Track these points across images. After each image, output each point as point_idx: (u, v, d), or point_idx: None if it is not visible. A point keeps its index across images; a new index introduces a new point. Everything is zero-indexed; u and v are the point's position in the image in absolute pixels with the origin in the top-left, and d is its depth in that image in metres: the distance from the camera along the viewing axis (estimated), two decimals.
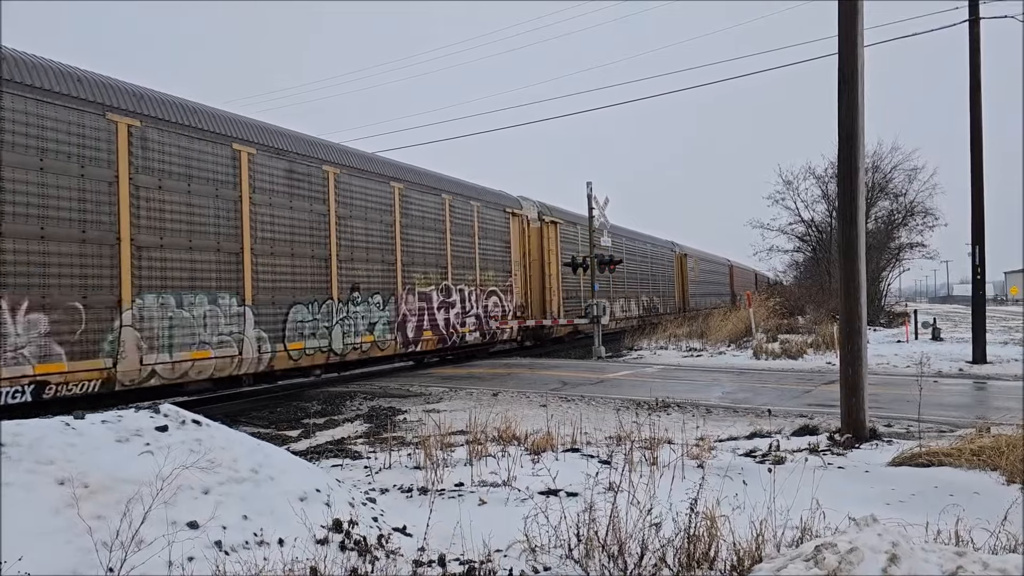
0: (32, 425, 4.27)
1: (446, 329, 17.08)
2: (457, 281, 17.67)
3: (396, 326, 15.20)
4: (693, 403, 10.87)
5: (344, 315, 13.74)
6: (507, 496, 5.50)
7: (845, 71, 7.75)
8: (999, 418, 8.71)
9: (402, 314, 15.45)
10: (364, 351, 14.25)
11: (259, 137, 12.23)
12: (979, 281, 16.19)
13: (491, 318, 19.10)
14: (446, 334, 17.07)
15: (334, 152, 14.21)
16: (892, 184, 36.37)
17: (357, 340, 14.03)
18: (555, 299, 22.58)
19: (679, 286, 38.33)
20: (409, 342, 15.68)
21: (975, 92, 15.62)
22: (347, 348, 13.77)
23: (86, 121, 9.41)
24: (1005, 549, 3.85)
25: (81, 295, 9.15)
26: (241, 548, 3.90)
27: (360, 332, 14.11)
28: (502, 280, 19.85)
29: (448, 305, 17.20)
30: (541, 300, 22.17)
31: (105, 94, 9.76)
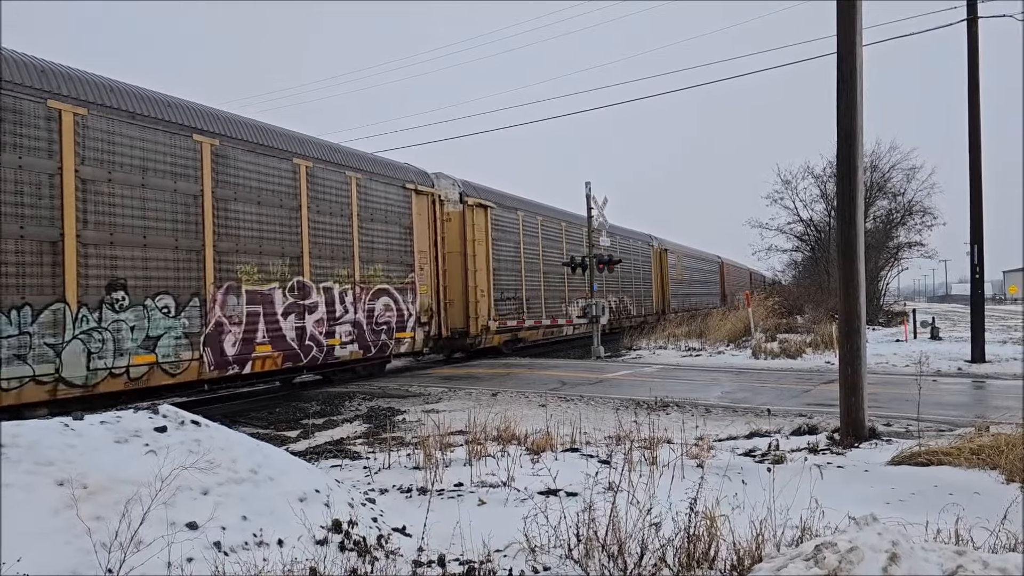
0: (31, 426, 4.27)
1: (299, 342, 12.67)
2: (321, 276, 13.30)
3: (203, 340, 10.89)
4: (692, 403, 10.87)
5: (92, 326, 9.43)
6: (506, 496, 5.49)
7: (844, 70, 7.75)
8: (998, 417, 8.71)
9: (214, 323, 11.11)
10: (135, 378, 9.88)
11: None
12: (978, 280, 16.19)
13: (380, 326, 14.81)
14: (299, 348, 12.66)
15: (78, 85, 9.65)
16: (890, 183, 36.42)
17: (120, 363, 9.70)
18: (484, 301, 18.75)
19: (658, 285, 34.49)
20: (228, 362, 11.27)
21: (973, 91, 15.63)
22: (98, 376, 9.44)
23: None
24: (1005, 548, 3.85)
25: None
26: (240, 549, 3.90)
27: (127, 351, 9.80)
28: (399, 277, 15.56)
29: (304, 309, 12.84)
30: (464, 302, 18.24)
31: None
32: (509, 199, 21.00)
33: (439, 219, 17.15)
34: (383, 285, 15.12)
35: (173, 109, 10.95)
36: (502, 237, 20.05)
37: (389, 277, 15.32)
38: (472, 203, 18.64)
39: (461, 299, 18.21)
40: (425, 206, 16.69)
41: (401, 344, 15.56)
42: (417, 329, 16.08)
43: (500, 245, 19.88)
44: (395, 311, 15.43)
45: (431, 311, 16.57)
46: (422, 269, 16.36)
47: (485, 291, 18.77)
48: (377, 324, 14.81)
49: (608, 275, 25.95)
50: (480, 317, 18.56)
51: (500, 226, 19.94)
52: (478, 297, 18.54)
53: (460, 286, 18.24)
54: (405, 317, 15.70)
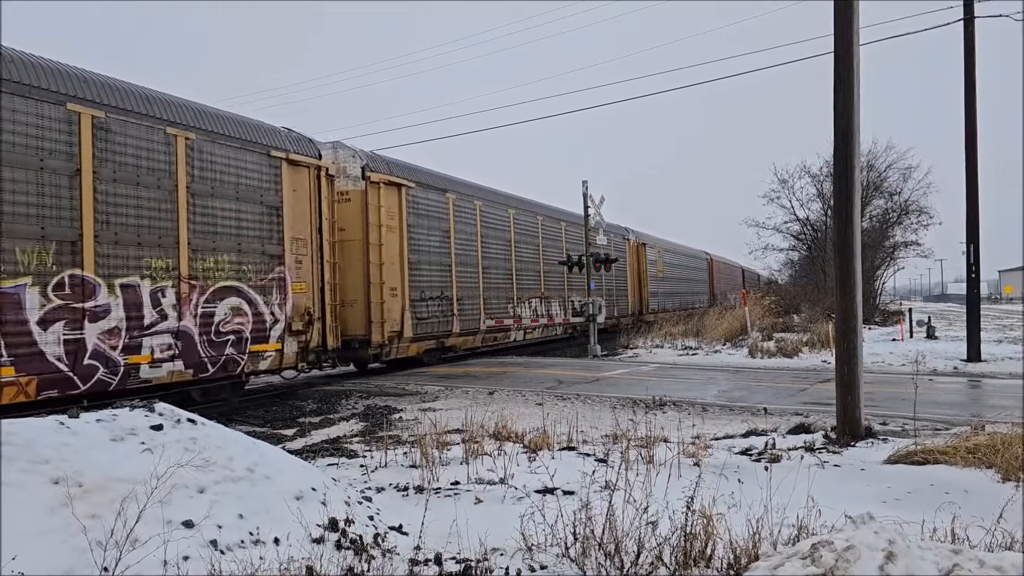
0: (26, 424, 4.25)
1: (73, 361, 8.98)
2: (118, 269, 9.64)
3: None
4: (689, 401, 10.88)
5: None
6: (503, 494, 5.49)
7: (841, 70, 7.76)
8: (994, 416, 8.72)
9: None
10: None
11: None
12: (973, 280, 16.23)
13: (224, 336, 11.09)
14: (73, 370, 8.98)
15: None
16: (887, 183, 36.51)
17: None
18: (397, 301, 15.25)
19: (634, 284, 30.81)
20: None
21: (970, 91, 15.66)
22: None
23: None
24: (1001, 547, 3.85)
25: None
26: (237, 547, 3.89)
27: None
28: (258, 271, 11.75)
29: (84, 315, 9.15)
30: (366, 303, 14.61)
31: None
32: (436, 178, 17.49)
33: (328, 198, 13.48)
34: (230, 282, 11.27)
35: None
36: (424, 224, 16.42)
37: (241, 271, 11.44)
38: (378, 180, 14.91)
39: (364, 299, 14.62)
40: (305, 181, 12.86)
41: (261, 359, 11.73)
42: (288, 339, 12.22)
43: (421, 233, 16.28)
44: (250, 316, 11.54)
45: (310, 315, 12.69)
46: (299, 262, 12.54)
47: (398, 289, 15.35)
48: (219, 334, 11.00)
49: (570, 272, 23.09)
50: (389, 321, 14.98)
51: (421, 210, 16.38)
52: (385, 296, 14.90)
53: (362, 283, 14.64)
54: (267, 324, 11.75)
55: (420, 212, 16.42)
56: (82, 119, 9.28)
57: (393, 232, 15.38)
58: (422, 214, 16.50)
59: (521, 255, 21.27)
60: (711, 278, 45.80)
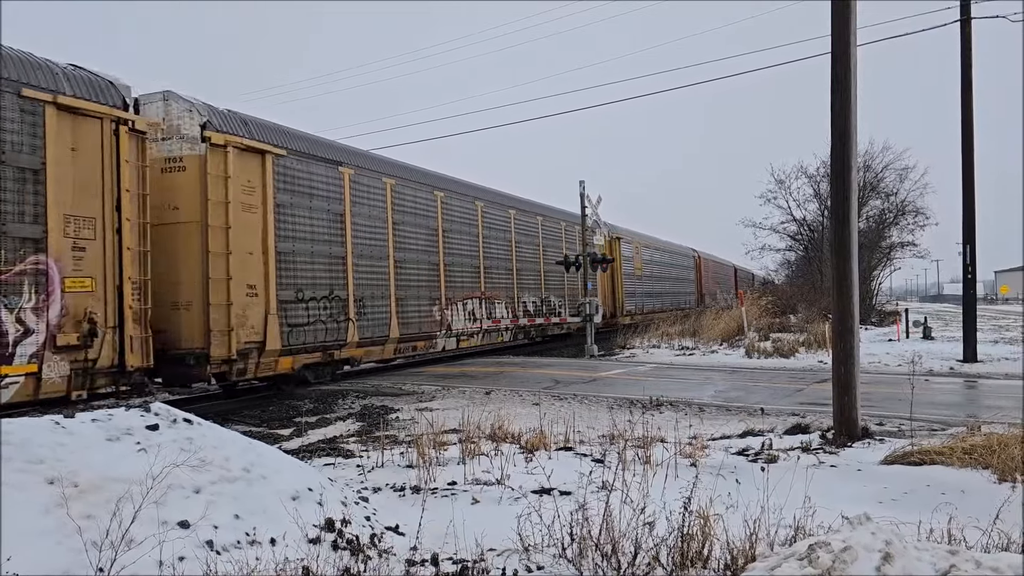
0: (22, 424, 4.24)
1: None
2: None
3: None
4: (686, 402, 10.89)
5: None
6: (500, 495, 5.48)
7: (838, 71, 7.76)
8: (990, 417, 8.73)
9: None
10: None
11: None
12: (970, 280, 16.26)
13: None
14: None
15: None
16: (883, 183, 36.58)
17: None
18: (257, 304, 11.71)
19: (607, 282, 28.20)
20: None
21: (966, 92, 15.69)
22: None
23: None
24: (997, 547, 3.86)
25: None
26: (233, 547, 3.88)
27: None
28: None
29: None
30: (203, 305, 10.94)
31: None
32: (323, 146, 13.99)
33: (135, 163, 9.96)
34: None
35: None
36: (304, 204, 12.89)
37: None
38: (225, 143, 11.27)
39: (201, 300, 10.98)
40: (96, 138, 9.44)
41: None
42: (53, 358, 8.77)
43: (299, 216, 12.72)
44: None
45: (93, 323, 9.16)
46: (79, 250, 9.18)
47: (259, 287, 11.77)
48: None
49: (520, 265, 20.80)
50: (243, 329, 11.37)
51: (299, 185, 12.81)
52: (235, 296, 11.19)
53: (200, 278, 11.03)
54: (8, 337, 8.35)
55: (297, 188, 12.76)
56: None
57: (252, 213, 11.73)
58: (300, 191, 12.83)
59: (454, 248, 17.85)
60: (699, 277, 43.10)
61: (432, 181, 17.53)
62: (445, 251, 17.47)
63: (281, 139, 12.72)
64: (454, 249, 17.90)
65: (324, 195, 13.49)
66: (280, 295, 12.19)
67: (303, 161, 13.03)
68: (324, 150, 13.88)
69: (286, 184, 12.58)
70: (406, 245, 15.92)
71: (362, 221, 14.45)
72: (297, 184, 12.83)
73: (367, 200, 14.66)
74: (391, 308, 15.18)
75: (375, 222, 14.90)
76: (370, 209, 14.75)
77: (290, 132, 13.22)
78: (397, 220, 15.56)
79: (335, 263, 13.68)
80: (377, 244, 14.93)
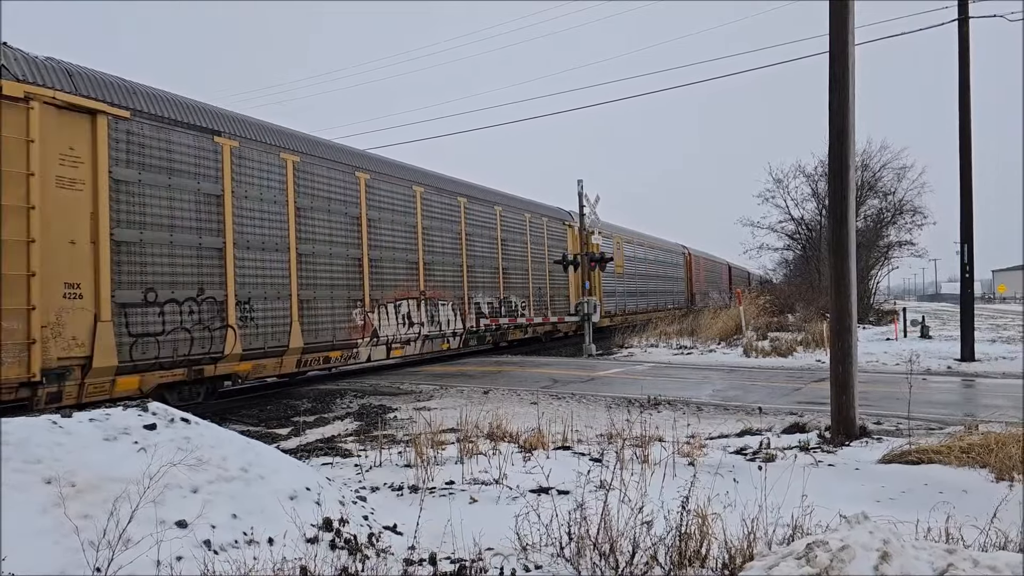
0: (19, 423, 4.23)
1: None
2: None
3: None
4: (684, 401, 10.89)
5: None
6: (498, 494, 5.48)
7: (836, 70, 7.76)
8: (988, 415, 8.76)
9: None
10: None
11: None
12: (967, 279, 16.28)
13: None
14: None
15: None
16: (881, 182, 36.66)
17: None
18: (81, 307, 9.22)
19: (580, 281, 24.37)
20: None
21: (964, 91, 15.70)
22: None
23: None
24: (995, 546, 3.86)
25: None
26: (230, 547, 3.87)
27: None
28: None
29: None
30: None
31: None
32: (190, 110, 11.27)
33: None
34: None
35: None
36: (160, 182, 10.43)
37: None
38: (27, 96, 8.79)
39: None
40: None
41: None
42: None
43: (149, 196, 10.26)
44: None
45: None
46: None
47: (84, 287, 9.29)
48: None
49: (472, 261, 18.64)
50: (58, 342, 8.93)
51: (151, 158, 10.35)
52: (39, 298, 8.68)
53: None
54: None
55: (148, 162, 10.28)
56: None
57: (76, 190, 9.30)
58: (152, 165, 10.34)
59: (383, 240, 15.27)
60: (689, 275, 40.88)
61: (354, 161, 14.94)
62: (370, 244, 14.78)
63: (125, 98, 10.09)
64: (383, 242, 15.23)
65: (188, 171, 10.85)
66: (119, 296, 9.65)
67: (160, 128, 10.50)
68: (193, 115, 11.19)
69: (132, 155, 10.06)
70: (314, 236, 13.28)
71: (250, 205, 11.90)
72: (146, 156, 10.26)
73: (257, 180, 12.10)
74: (292, 312, 12.57)
75: (269, 206, 12.30)
76: (261, 191, 12.14)
77: (142, 91, 10.53)
78: (302, 206, 13.03)
79: (208, 256, 11.06)
80: (272, 234, 12.29)
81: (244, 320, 11.63)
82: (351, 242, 14.30)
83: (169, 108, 10.82)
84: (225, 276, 11.30)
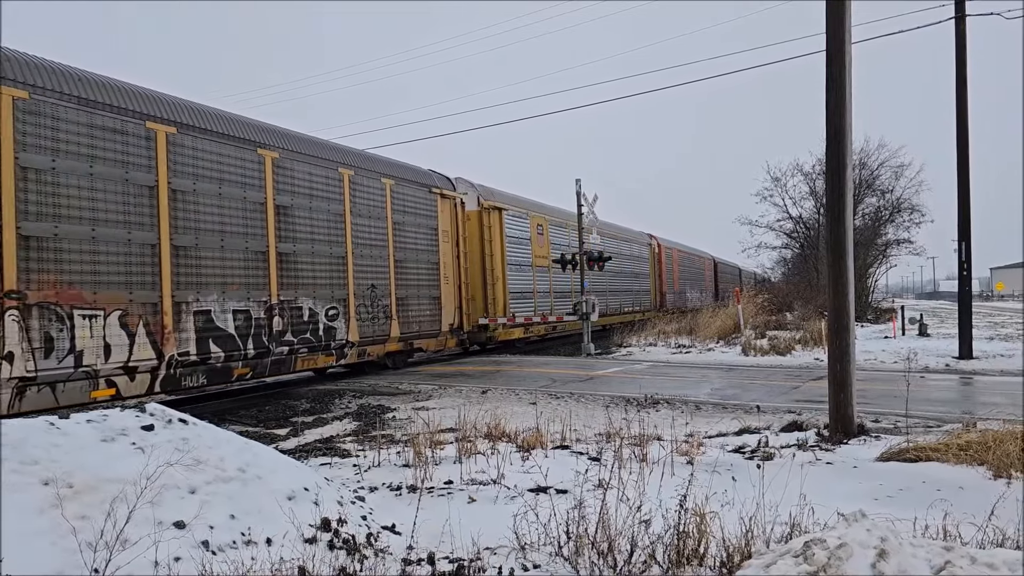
0: (16, 425, 4.22)
1: None
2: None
3: None
4: (682, 399, 10.89)
5: None
6: (496, 494, 5.48)
7: (833, 69, 7.76)
8: (986, 413, 8.77)
9: None
10: None
11: None
12: (965, 277, 16.28)
13: None
14: None
15: None
16: (879, 181, 36.68)
17: None
18: None
19: (476, 276, 19.01)
20: None
21: (961, 89, 15.70)
22: None
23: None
24: (992, 543, 3.87)
25: None
26: (228, 548, 3.87)
27: None
28: None
29: None
30: None
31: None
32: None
33: None
34: None
35: None
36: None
37: None
38: None
39: None
40: None
41: None
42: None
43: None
44: None
45: None
46: None
47: None
48: None
49: (324, 250, 13.40)
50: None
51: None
52: None
53: None
54: None
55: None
56: None
57: None
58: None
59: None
60: (657, 271, 33.15)
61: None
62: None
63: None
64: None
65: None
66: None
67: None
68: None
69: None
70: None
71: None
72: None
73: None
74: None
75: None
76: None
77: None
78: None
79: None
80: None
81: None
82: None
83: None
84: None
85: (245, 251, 11.90)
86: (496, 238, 19.37)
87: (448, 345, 17.57)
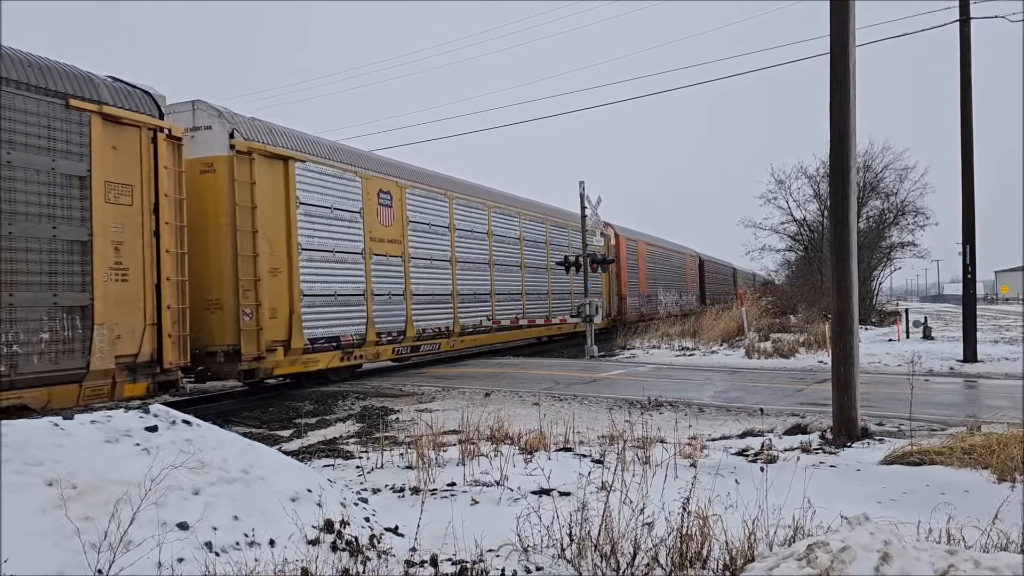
0: (20, 425, 4.24)
1: None
2: None
3: None
4: (686, 402, 10.88)
5: None
6: (499, 496, 5.48)
7: (837, 71, 7.76)
8: (990, 416, 8.74)
9: None
10: None
11: None
12: (970, 280, 16.24)
13: None
14: None
15: None
16: (883, 183, 36.61)
17: None
18: None
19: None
20: None
21: (966, 91, 15.68)
22: None
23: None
24: (996, 547, 3.85)
25: None
26: (232, 549, 3.87)
27: None
28: None
29: None
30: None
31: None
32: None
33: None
34: None
35: None
36: None
37: None
38: None
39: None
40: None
41: None
42: None
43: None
44: None
45: None
46: None
47: None
48: None
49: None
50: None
51: None
52: None
53: None
54: None
55: None
56: None
57: None
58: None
59: None
60: (615, 270, 26.97)
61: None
62: None
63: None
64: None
65: None
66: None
67: None
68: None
69: None
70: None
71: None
72: None
73: None
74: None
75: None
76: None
77: None
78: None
79: None
80: None
81: None
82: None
83: None
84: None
85: None
86: (274, 204, 11.99)
87: (100, 395, 8.69)
